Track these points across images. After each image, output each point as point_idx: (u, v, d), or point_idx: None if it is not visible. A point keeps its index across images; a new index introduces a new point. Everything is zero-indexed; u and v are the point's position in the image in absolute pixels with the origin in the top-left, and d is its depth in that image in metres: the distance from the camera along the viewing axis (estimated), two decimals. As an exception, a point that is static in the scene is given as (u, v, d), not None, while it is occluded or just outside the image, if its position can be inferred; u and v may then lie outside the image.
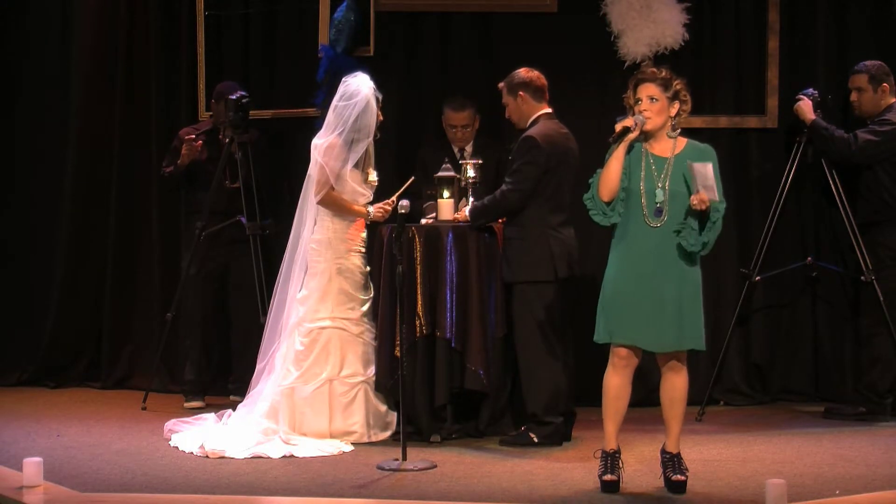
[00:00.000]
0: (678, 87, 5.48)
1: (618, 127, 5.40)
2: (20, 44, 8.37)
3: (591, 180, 5.49)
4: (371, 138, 6.69)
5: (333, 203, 6.66)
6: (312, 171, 6.71)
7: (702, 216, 5.34)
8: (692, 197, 5.31)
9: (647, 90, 5.45)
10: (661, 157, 5.44)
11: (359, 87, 6.65)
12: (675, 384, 5.48)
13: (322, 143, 6.65)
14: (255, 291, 7.28)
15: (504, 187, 6.50)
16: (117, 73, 8.24)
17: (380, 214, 6.70)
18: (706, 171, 5.29)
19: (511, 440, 6.50)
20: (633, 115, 5.44)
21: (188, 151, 7.52)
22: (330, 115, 6.68)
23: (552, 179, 6.40)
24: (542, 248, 6.41)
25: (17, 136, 8.41)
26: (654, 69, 5.58)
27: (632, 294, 5.40)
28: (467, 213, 6.61)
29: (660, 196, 5.38)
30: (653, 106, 5.43)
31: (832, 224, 7.61)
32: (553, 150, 6.42)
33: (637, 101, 5.46)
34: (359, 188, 6.70)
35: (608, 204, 5.42)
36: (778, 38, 7.70)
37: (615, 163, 5.40)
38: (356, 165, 6.68)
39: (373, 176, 6.76)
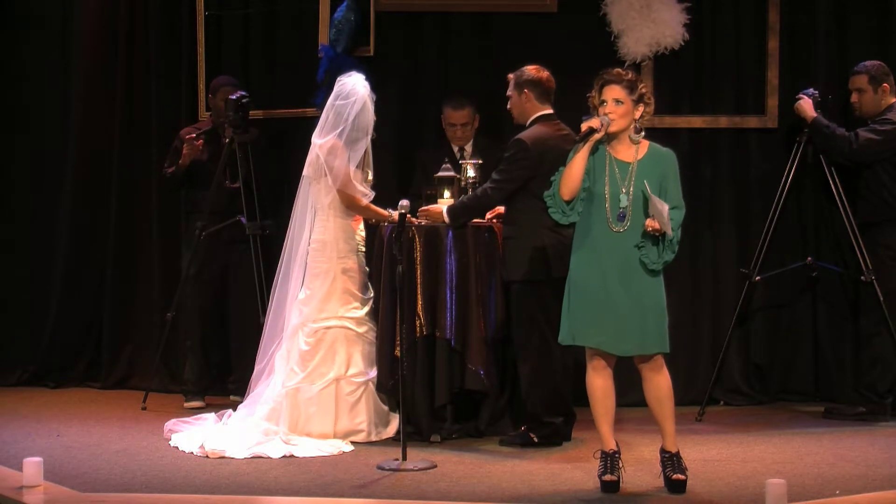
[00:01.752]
0: (643, 90, 5.46)
1: (584, 127, 5.39)
2: (20, 44, 8.35)
3: (553, 178, 5.49)
4: (369, 137, 6.70)
5: (354, 203, 6.65)
6: (308, 170, 6.71)
7: (655, 237, 5.35)
8: (647, 221, 5.33)
9: (613, 92, 5.42)
10: (624, 163, 5.42)
11: (355, 86, 6.64)
12: (657, 384, 5.47)
13: (324, 143, 6.64)
14: (255, 291, 7.28)
15: (487, 185, 6.51)
16: (117, 73, 8.24)
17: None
18: (662, 209, 5.28)
19: (511, 440, 6.50)
20: (598, 115, 5.43)
21: (189, 151, 7.51)
22: (329, 115, 6.67)
23: (545, 181, 6.39)
24: (537, 248, 6.40)
25: (17, 136, 8.40)
26: (620, 70, 5.54)
27: (594, 296, 5.40)
28: (446, 216, 6.55)
29: (623, 201, 5.38)
30: (617, 108, 5.41)
31: (832, 224, 7.61)
32: (544, 154, 6.38)
33: (602, 102, 5.44)
34: (360, 187, 6.69)
35: (568, 203, 5.43)
36: (778, 38, 7.69)
37: (579, 162, 5.38)
38: (357, 165, 6.68)
39: (370, 175, 6.76)
